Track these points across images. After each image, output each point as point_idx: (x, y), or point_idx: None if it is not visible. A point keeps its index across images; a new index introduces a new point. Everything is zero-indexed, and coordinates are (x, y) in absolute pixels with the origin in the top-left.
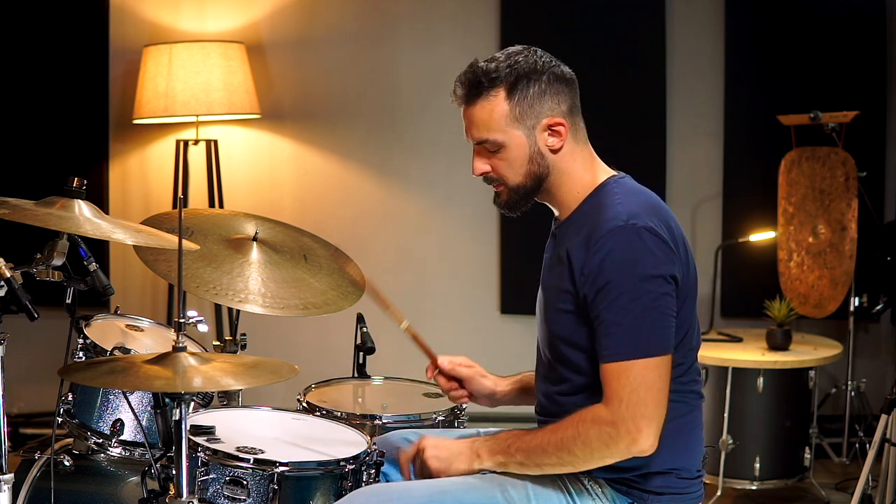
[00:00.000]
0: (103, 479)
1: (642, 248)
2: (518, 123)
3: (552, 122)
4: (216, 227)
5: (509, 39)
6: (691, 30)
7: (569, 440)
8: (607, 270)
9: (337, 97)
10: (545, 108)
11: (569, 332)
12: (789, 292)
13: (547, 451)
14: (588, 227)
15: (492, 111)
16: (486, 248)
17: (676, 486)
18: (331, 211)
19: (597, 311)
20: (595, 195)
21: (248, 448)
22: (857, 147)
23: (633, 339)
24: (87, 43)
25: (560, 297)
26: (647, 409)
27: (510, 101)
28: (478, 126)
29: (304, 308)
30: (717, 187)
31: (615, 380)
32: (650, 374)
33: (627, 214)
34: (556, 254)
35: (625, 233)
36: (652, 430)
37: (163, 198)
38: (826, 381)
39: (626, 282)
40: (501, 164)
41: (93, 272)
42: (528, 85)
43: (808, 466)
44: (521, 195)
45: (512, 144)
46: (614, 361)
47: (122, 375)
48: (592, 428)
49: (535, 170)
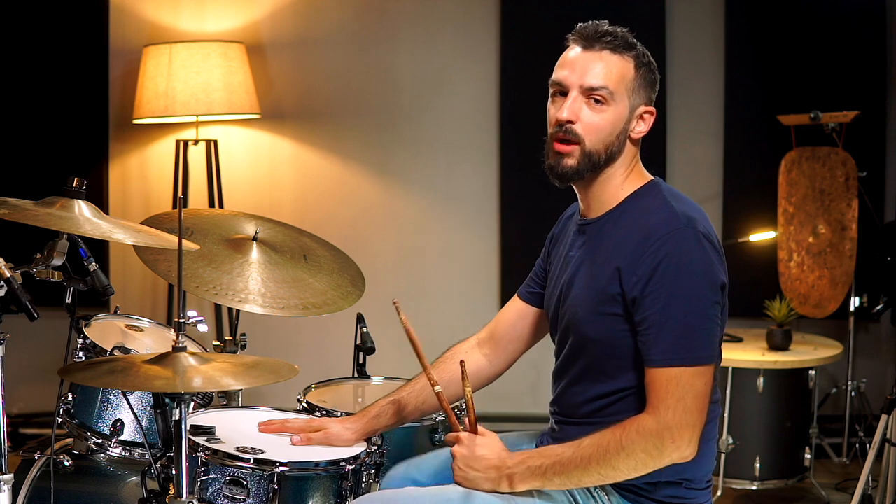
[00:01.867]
0: (103, 479)
1: (701, 253)
2: (631, 95)
3: (648, 110)
4: (216, 227)
5: (509, 39)
6: (691, 30)
7: (611, 454)
8: (664, 273)
9: (337, 97)
10: (648, 94)
11: (609, 336)
12: (789, 292)
13: (588, 468)
14: (639, 227)
15: (621, 68)
16: (486, 248)
17: (685, 496)
18: (331, 211)
19: (646, 313)
20: (640, 195)
21: (248, 448)
22: (858, 147)
23: (685, 346)
24: (86, 43)
25: (600, 300)
26: (692, 417)
27: (637, 72)
28: (598, 73)
29: (304, 308)
30: (717, 187)
31: (664, 386)
32: (698, 381)
33: (686, 218)
34: (589, 254)
35: (684, 236)
36: (695, 438)
37: (163, 198)
38: (826, 381)
39: (684, 287)
40: (594, 122)
41: (93, 272)
42: (649, 68)
43: (808, 466)
44: (591, 164)
45: (618, 107)
46: (665, 367)
47: (121, 375)
48: (638, 440)
49: (615, 147)
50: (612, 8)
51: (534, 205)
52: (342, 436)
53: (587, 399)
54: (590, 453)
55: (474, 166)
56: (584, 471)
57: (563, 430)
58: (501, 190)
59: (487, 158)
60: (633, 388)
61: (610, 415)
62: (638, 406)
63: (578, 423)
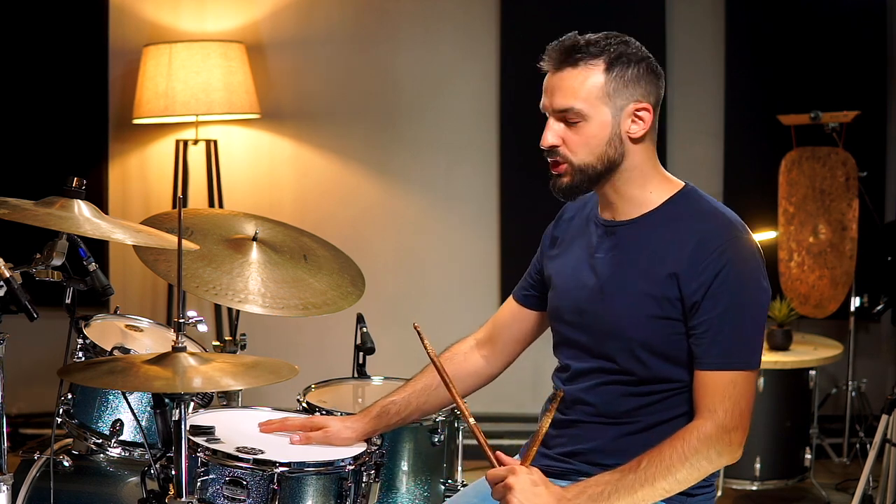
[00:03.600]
0: (103, 479)
1: (757, 259)
2: (608, 100)
3: (640, 108)
4: (216, 227)
5: (509, 39)
6: (691, 30)
7: (675, 467)
8: (725, 279)
9: (337, 97)
10: (638, 91)
11: (660, 339)
12: (790, 292)
13: (654, 486)
14: (692, 231)
15: (585, 80)
16: (486, 248)
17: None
18: (331, 211)
19: (704, 317)
20: (680, 199)
21: (248, 448)
22: (858, 147)
23: (742, 350)
24: (86, 43)
25: (649, 303)
26: (745, 420)
27: (607, 75)
28: (564, 93)
29: (304, 308)
30: (718, 187)
31: (719, 390)
32: (750, 386)
33: (741, 225)
34: (628, 257)
35: (744, 243)
36: (744, 440)
37: (163, 198)
38: (826, 381)
39: (742, 293)
40: (576, 140)
41: (92, 272)
42: (628, 65)
43: (808, 467)
44: (586, 178)
45: (595, 120)
46: (721, 370)
47: (121, 376)
48: (702, 448)
49: (611, 154)
50: (612, 8)
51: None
52: (342, 434)
53: (627, 397)
54: (654, 472)
55: (474, 166)
56: (650, 489)
57: (586, 428)
58: (501, 190)
59: (487, 158)
60: (675, 389)
61: (649, 414)
62: (678, 406)
63: (609, 424)
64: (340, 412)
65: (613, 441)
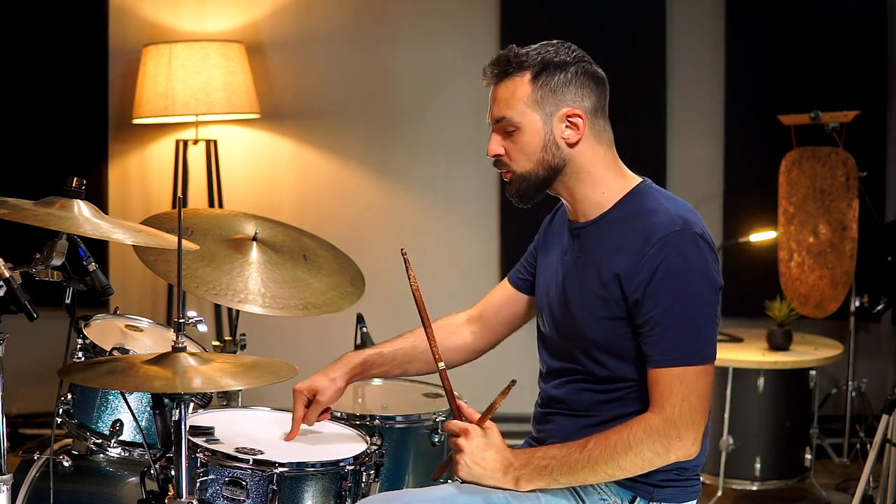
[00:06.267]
0: (102, 479)
1: (699, 255)
2: (537, 107)
3: (570, 113)
4: (216, 227)
5: (509, 39)
6: (691, 30)
7: (619, 454)
8: (664, 276)
9: (337, 97)
10: (567, 98)
11: (612, 339)
12: (790, 292)
13: (595, 468)
14: (635, 230)
15: (514, 91)
16: (487, 248)
17: (677, 478)
18: (331, 211)
19: (648, 315)
20: (631, 198)
21: (248, 449)
22: (858, 147)
23: (688, 346)
24: (86, 43)
25: (599, 304)
26: (697, 415)
27: (534, 84)
28: (499, 104)
29: (304, 308)
30: (718, 187)
31: (668, 386)
32: (701, 380)
33: (682, 220)
34: (585, 259)
35: (683, 238)
36: (699, 436)
37: (162, 198)
38: (827, 381)
39: (684, 289)
40: (514, 148)
41: (92, 272)
42: (555, 73)
43: (808, 467)
44: (531, 184)
45: (528, 128)
46: (669, 366)
47: (121, 376)
48: (646, 439)
49: (549, 160)
50: (612, 8)
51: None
52: (331, 389)
53: (590, 393)
54: (597, 454)
55: (474, 166)
56: (591, 471)
57: (557, 421)
58: (501, 190)
59: (487, 158)
60: (632, 386)
61: (609, 410)
62: (636, 402)
63: (575, 416)
64: (340, 412)
65: (577, 432)
